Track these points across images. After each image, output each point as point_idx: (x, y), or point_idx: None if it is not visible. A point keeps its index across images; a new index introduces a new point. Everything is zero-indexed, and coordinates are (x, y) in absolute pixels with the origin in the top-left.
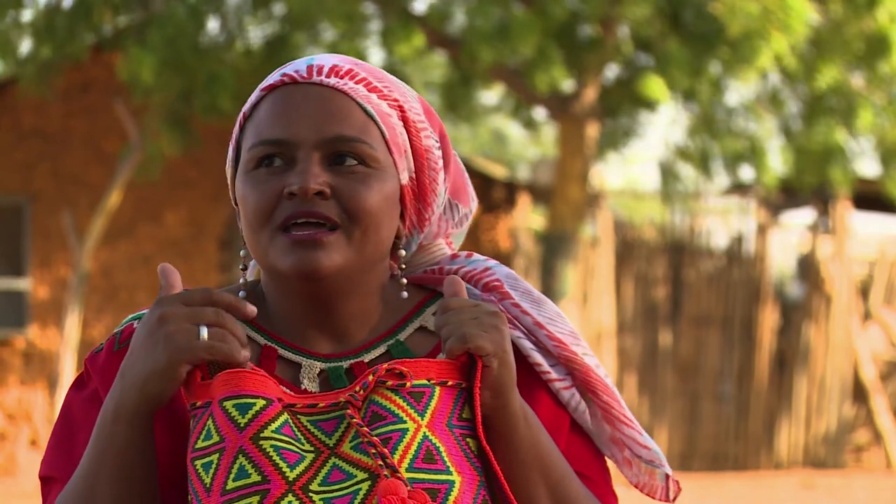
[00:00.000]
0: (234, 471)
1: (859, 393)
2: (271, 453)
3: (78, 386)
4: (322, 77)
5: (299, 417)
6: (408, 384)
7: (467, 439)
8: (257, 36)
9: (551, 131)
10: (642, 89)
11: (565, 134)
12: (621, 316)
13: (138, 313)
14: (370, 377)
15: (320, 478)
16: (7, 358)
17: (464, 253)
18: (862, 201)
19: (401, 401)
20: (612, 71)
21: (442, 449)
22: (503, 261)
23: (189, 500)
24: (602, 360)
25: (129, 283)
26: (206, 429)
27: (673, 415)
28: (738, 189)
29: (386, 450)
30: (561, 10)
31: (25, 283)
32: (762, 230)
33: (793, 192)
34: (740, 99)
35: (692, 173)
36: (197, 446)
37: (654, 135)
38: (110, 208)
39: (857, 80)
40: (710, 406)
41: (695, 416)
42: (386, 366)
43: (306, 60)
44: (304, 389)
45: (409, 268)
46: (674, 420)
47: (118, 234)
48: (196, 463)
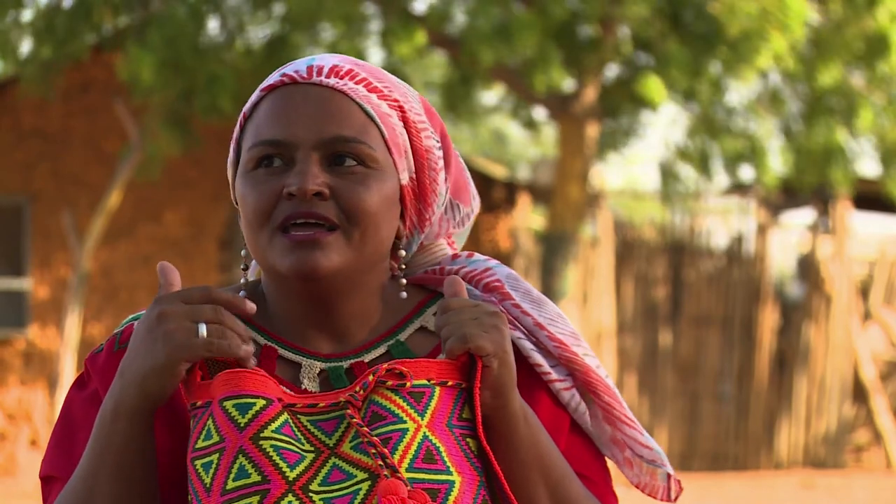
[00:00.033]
0: (234, 471)
1: (859, 393)
2: (271, 453)
3: (78, 386)
4: (322, 77)
5: (299, 417)
6: (408, 384)
7: (467, 439)
8: (257, 36)
9: (551, 131)
10: (641, 89)
11: (565, 134)
12: (621, 316)
13: (138, 313)
14: (370, 377)
15: (320, 478)
16: (7, 358)
17: (465, 253)
18: (862, 201)
19: (401, 401)
20: (613, 71)
21: (442, 449)
22: (503, 261)
23: (189, 499)
24: (602, 361)
25: (129, 283)
26: (206, 429)
27: (673, 415)
28: (738, 189)
29: (386, 450)
30: (561, 9)
31: (25, 283)
32: (762, 230)
33: (793, 192)
34: (740, 99)
35: (692, 173)
36: (197, 446)
37: (654, 135)
38: (110, 208)
39: (858, 80)
40: (710, 406)
41: (695, 416)
42: (386, 366)
43: (307, 61)
44: (305, 389)
45: (410, 268)
46: (674, 420)
47: (118, 234)
48: (196, 463)
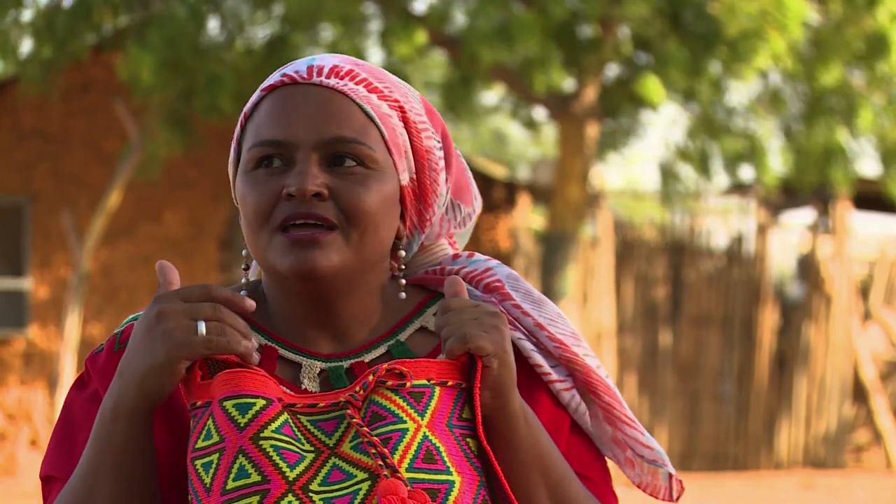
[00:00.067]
0: (234, 471)
1: (859, 393)
2: (271, 453)
3: (79, 386)
4: (322, 78)
5: (299, 417)
6: (408, 384)
7: (467, 439)
8: (257, 36)
9: (551, 131)
10: (640, 90)
11: (565, 134)
12: (621, 316)
13: (139, 313)
14: (370, 377)
15: (320, 478)
16: (7, 358)
17: (465, 253)
18: (862, 201)
19: (401, 401)
20: (613, 71)
21: (442, 449)
22: (503, 261)
23: (189, 499)
24: (602, 361)
25: (129, 283)
26: (206, 429)
27: (673, 415)
28: (738, 189)
29: (386, 450)
30: (561, 9)
31: (25, 283)
32: (762, 230)
33: (793, 192)
34: (740, 99)
35: (692, 173)
36: (197, 446)
37: (654, 135)
38: (110, 208)
39: (858, 81)
40: (710, 406)
41: (695, 416)
42: (386, 366)
43: (307, 61)
44: (305, 389)
45: (411, 268)
46: (674, 420)
47: (118, 234)
48: (196, 463)
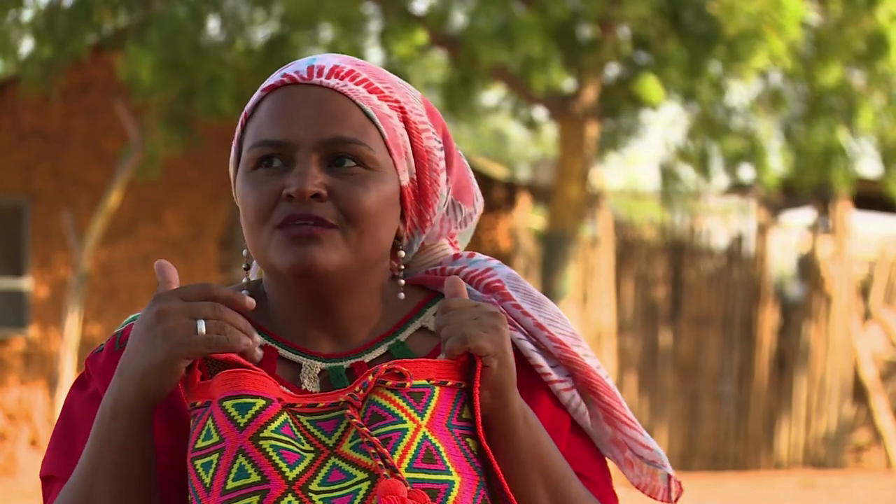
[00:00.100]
0: (234, 471)
1: (859, 393)
2: (271, 453)
3: (79, 386)
4: (322, 78)
5: (299, 417)
6: (407, 384)
7: (467, 439)
8: (257, 36)
9: (552, 131)
10: (638, 90)
11: (565, 134)
12: (621, 316)
13: (139, 313)
14: (370, 377)
15: (320, 478)
16: (7, 358)
17: (466, 253)
18: (862, 201)
19: (400, 401)
20: (613, 71)
21: (442, 449)
22: (503, 261)
23: (189, 499)
24: (602, 360)
25: (129, 283)
26: (205, 429)
27: (673, 415)
28: (738, 189)
29: (385, 450)
30: (561, 9)
31: (25, 283)
32: (762, 230)
33: (793, 192)
34: (740, 99)
35: (692, 174)
36: (197, 446)
37: (654, 135)
38: (110, 208)
39: (858, 81)
40: (710, 406)
41: (695, 416)
42: (386, 366)
43: (308, 61)
44: (305, 389)
45: (411, 268)
46: (674, 420)
47: (118, 234)
48: (196, 463)
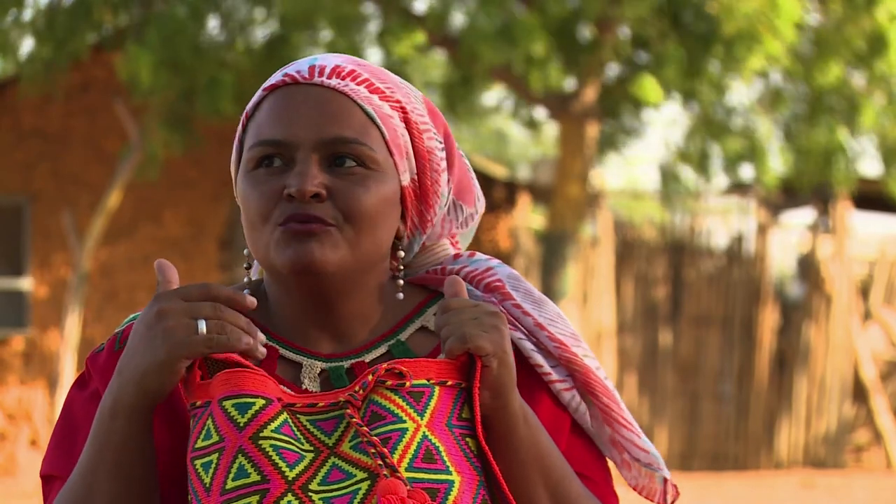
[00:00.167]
0: (234, 470)
1: (859, 393)
2: (271, 453)
3: (79, 385)
4: (323, 78)
5: (299, 417)
6: (407, 384)
7: (467, 439)
8: (258, 35)
9: (552, 131)
10: (637, 90)
11: (565, 134)
12: (621, 316)
13: (139, 313)
14: (370, 377)
15: (320, 477)
16: (7, 358)
17: (466, 253)
18: (862, 201)
19: (400, 400)
20: (613, 70)
21: (441, 449)
22: (504, 261)
23: (189, 499)
24: (602, 360)
25: (129, 283)
26: (205, 428)
27: (673, 415)
28: (738, 189)
29: (385, 449)
30: (560, 9)
31: (25, 283)
32: (762, 230)
33: (793, 192)
34: (741, 99)
35: (692, 174)
36: (197, 446)
37: (654, 135)
38: (110, 208)
39: (858, 80)
40: (710, 406)
41: (695, 416)
42: (385, 365)
43: (309, 60)
44: (305, 389)
45: (412, 268)
46: (674, 420)
47: (118, 234)
48: (196, 462)
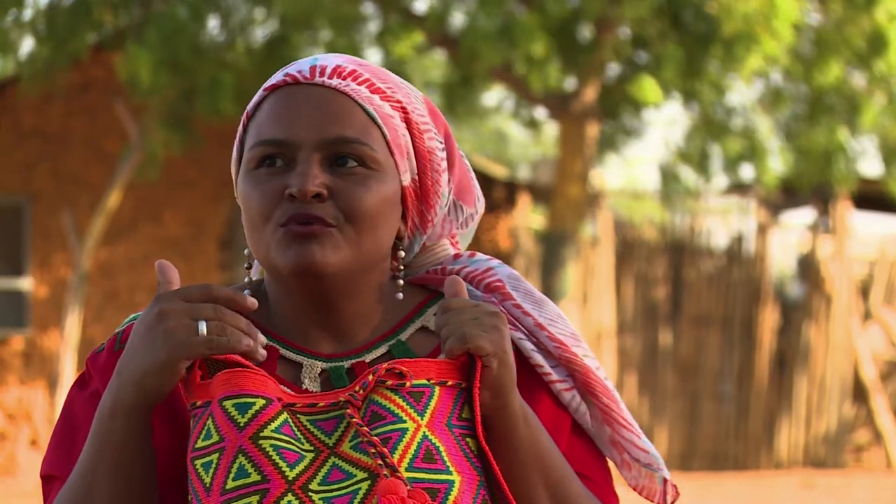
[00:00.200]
0: (234, 470)
1: (859, 393)
2: (271, 453)
3: (79, 385)
4: (324, 78)
5: (299, 417)
6: (407, 384)
7: (467, 439)
8: (258, 35)
9: (552, 131)
10: (635, 90)
11: (565, 134)
12: (621, 316)
13: (139, 313)
14: (370, 377)
15: (320, 477)
16: (7, 358)
17: (467, 253)
18: (862, 201)
19: (400, 400)
20: (613, 70)
21: (442, 449)
22: (504, 261)
23: (189, 499)
24: (602, 360)
25: (129, 283)
26: (205, 428)
27: (673, 415)
28: (738, 189)
29: (385, 449)
30: (560, 9)
31: (25, 283)
32: (762, 230)
33: (793, 192)
34: (741, 99)
35: (692, 174)
36: (197, 446)
37: (654, 135)
38: (110, 208)
39: (859, 80)
40: (710, 406)
41: (695, 416)
42: (386, 365)
43: (310, 60)
44: (305, 389)
45: (412, 268)
46: (674, 420)
47: (118, 234)
48: (196, 462)
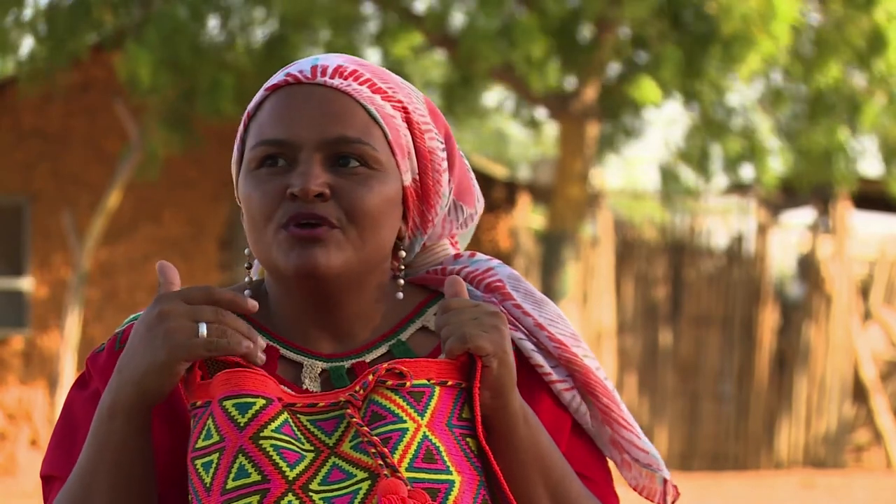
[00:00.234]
0: (234, 470)
1: (859, 393)
2: (271, 453)
3: (79, 385)
4: (326, 78)
5: (299, 417)
6: (407, 384)
7: (467, 439)
8: (258, 35)
9: (552, 131)
10: (634, 91)
11: (565, 133)
12: (621, 316)
13: (140, 313)
14: (370, 377)
15: (320, 477)
16: (7, 358)
17: (467, 253)
18: (862, 201)
19: (401, 400)
20: (613, 70)
21: (442, 449)
22: (504, 260)
23: (189, 499)
24: (602, 360)
25: (129, 283)
26: (206, 428)
27: (673, 415)
28: (738, 189)
29: (386, 449)
30: (560, 9)
31: (25, 283)
32: (762, 230)
33: (793, 192)
34: (741, 99)
35: (692, 174)
36: (197, 446)
37: (654, 135)
38: (110, 208)
39: (859, 80)
40: (710, 406)
41: (695, 416)
42: (386, 365)
43: (311, 60)
44: (306, 389)
45: (412, 268)
46: (674, 420)
47: (118, 234)
48: (196, 462)
